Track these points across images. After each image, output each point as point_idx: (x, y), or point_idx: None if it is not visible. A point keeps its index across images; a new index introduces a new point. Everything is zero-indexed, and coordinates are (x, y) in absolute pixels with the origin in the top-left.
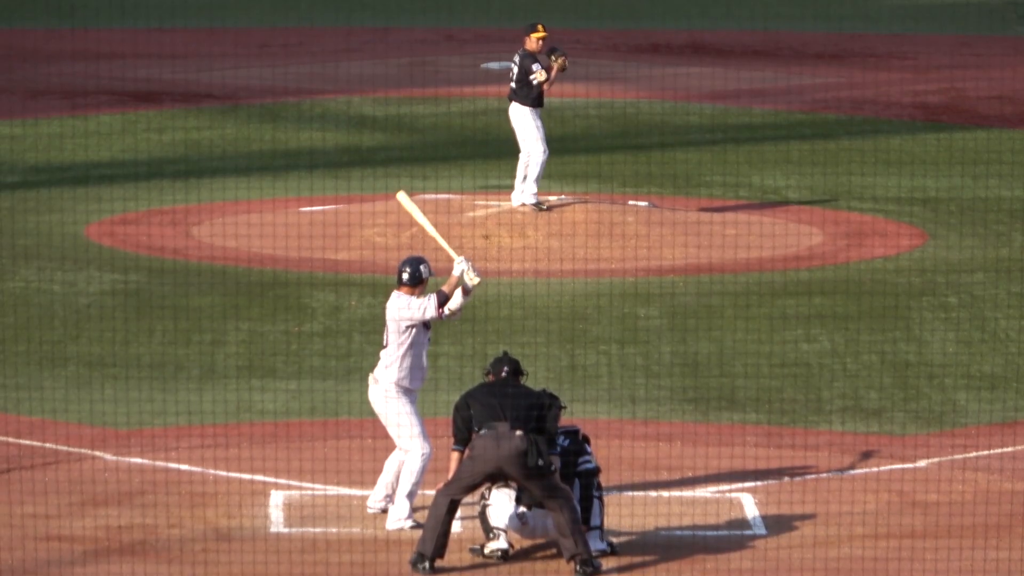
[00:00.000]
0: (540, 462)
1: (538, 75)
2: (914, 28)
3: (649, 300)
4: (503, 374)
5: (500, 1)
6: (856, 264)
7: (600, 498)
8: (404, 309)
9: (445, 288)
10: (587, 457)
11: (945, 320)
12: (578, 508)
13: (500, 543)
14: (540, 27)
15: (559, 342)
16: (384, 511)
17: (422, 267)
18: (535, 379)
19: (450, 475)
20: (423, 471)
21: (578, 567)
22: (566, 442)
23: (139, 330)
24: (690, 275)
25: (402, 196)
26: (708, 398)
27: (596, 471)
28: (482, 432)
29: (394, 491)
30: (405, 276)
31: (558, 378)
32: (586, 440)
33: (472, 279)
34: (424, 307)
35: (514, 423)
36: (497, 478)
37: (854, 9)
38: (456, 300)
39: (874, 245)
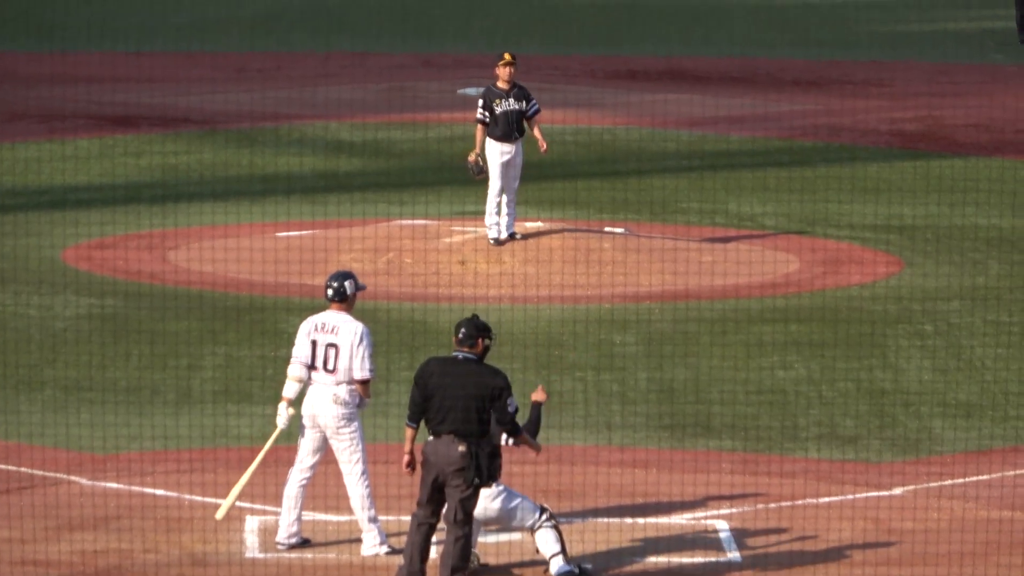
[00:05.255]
0: (477, 480)
1: (478, 111)
2: (891, 55)
3: (625, 327)
4: (460, 335)
5: (478, 27)
6: (832, 291)
7: (555, 527)
8: (353, 342)
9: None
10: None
11: (921, 348)
12: (472, 540)
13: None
14: (505, 55)
15: (535, 368)
16: (301, 543)
17: (347, 283)
18: None
19: (405, 448)
20: (370, 490)
21: None
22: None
23: (115, 354)
24: (666, 302)
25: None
26: (684, 425)
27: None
28: (430, 439)
29: (300, 521)
30: (329, 292)
31: None
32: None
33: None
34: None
35: (461, 418)
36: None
37: (831, 36)
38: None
39: (850, 272)
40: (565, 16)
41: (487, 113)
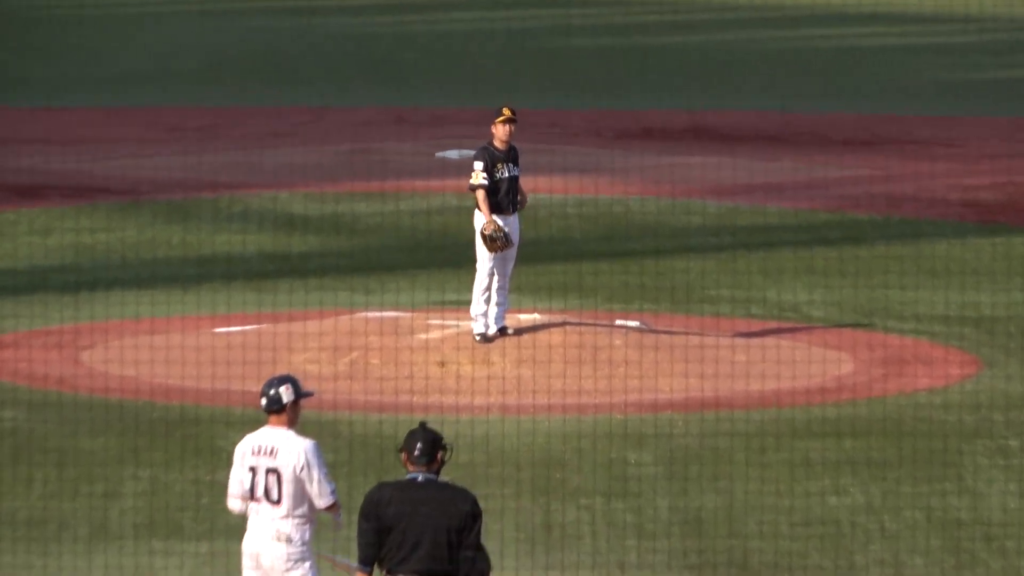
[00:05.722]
0: None
1: (474, 176)
2: (962, 109)
3: (641, 442)
4: (415, 452)
5: (460, 75)
6: (895, 398)
7: None
8: (298, 466)
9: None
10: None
11: (1005, 468)
12: None
13: None
14: (505, 110)
15: (531, 494)
16: None
17: (283, 389)
18: (501, 537)
19: None
20: None
21: None
22: None
23: (15, 479)
24: (691, 412)
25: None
26: (715, 564)
27: None
28: None
29: None
30: (264, 402)
31: (530, 539)
32: None
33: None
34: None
35: (429, 555)
36: None
37: (889, 86)
38: None
39: (917, 375)
40: (564, 63)
41: (488, 177)
